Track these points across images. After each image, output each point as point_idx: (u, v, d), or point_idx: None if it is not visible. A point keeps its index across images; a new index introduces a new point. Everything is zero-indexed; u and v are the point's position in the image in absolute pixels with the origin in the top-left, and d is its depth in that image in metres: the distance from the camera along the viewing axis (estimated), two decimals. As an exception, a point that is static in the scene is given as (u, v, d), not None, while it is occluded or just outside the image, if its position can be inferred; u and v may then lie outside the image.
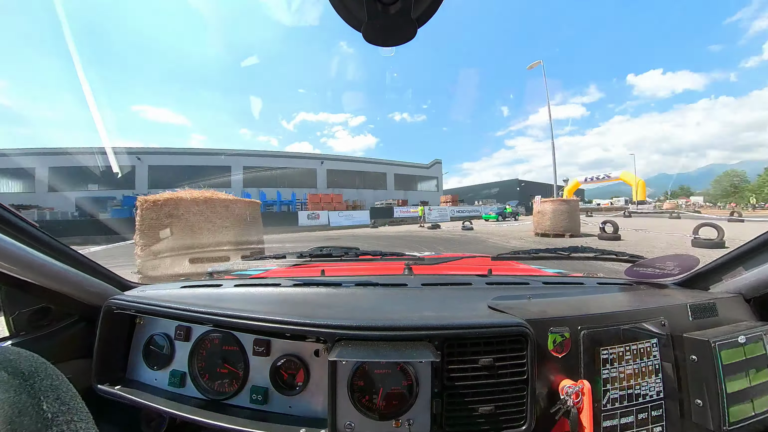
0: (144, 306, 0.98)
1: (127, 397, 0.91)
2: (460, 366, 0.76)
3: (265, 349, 0.87)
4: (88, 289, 0.98)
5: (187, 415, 0.85)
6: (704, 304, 0.94)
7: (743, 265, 1.00)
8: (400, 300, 1.02)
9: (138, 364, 1.01)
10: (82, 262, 0.97)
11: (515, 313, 0.83)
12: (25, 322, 1.00)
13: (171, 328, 0.97)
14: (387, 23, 0.60)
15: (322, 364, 0.83)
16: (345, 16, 0.60)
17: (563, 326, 0.81)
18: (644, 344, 0.83)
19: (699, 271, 1.10)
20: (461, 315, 0.84)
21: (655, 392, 0.82)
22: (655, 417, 0.81)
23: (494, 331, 0.76)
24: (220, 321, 0.88)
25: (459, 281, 1.21)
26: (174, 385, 0.93)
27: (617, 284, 1.22)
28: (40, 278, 0.85)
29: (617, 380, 0.80)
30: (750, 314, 0.97)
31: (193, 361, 0.93)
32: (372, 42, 0.65)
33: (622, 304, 0.93)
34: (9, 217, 0.77)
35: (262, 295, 1.14)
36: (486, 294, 1.05)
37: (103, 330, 0.98)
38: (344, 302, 1.00)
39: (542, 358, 0.79)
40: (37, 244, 0.83)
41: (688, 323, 0.91)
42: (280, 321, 0.81)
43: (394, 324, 0.77)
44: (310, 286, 1.19)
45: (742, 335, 0.86)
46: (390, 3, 0.56)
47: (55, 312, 1.02)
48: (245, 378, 0.89)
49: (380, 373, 0.77)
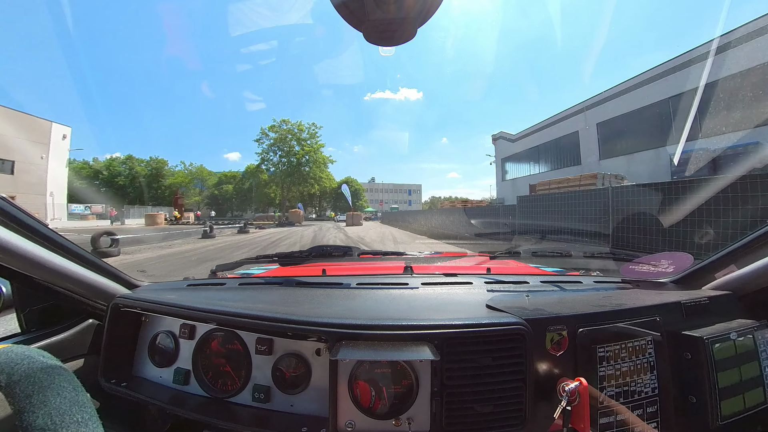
0: (149, 304, 0.99)
1: (133, 394, 0.93)
2: (459, 365, 0.77)
3: (267, 348, 0.88)
4: (96, 287, 0.99)
5: (190, 413, 0.86)
6: (697, 302, 0.96)
7: (735, 263, 1.02)
8: (400, 299, 1.03)
9: (143, 361, 1.03)
10: (91, 261, 0.99)
11: (514, 312, 0.84)
12: (35, 319, 1.02)
13: (176, 327, 0.99)
14: (387, 23, 0.61)
15: (323, 363, 0.85)
16: (346, 15, 0.60)
17: (561, 325, 0.83)
18: (640, 342, 0.85)
19: (692, 269, 1.12)
20: (460, 314, 0.85)
21: (650, 389, 0.84)
22: (650, 413, 0.83)
23: (493, 330, 0.78)
24: (223, 320, 0.89)
25: (458, 280, 1.23)
26: (178, 383, 0.95)
27: (614, 283, 1.23)
28: (51, 277, 0.87)
29: (613, 377, 0.82)
30: (742, 311, 0.99)
31: (197, 359, 0.94)
32: (372, 42, 0.66)
33: (619, 302, 0.95)
34: (21, 217, 0.79)
35: (265, 294, 1.15)
36: (485, 293, 1.07)
37: (110, 328, 0.99)
38: (345, 301, 1.02)
39: (540, 356, 0.81)
40: (48, 244, 0.85)
41: (682, 321, 0.92)
42: (282, 320, 0.83)
43: (394, 323, 0.79)
44: (311, 285, 1.21)
45: (733, 332, 0.88)
46: (390, 3, 0.57)
47: (65, 310, 1.04)
48: (248, 376, 0.90)
49: (380, 372, 0.79)
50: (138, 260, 8.31)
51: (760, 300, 1.00)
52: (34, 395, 0.46)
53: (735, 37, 12.57)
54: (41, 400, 0.46)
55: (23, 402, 0.45)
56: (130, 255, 9.05)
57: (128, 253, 9.26)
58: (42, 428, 0.44)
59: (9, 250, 0.74)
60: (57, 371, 0.51)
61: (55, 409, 0.46)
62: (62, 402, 0.48)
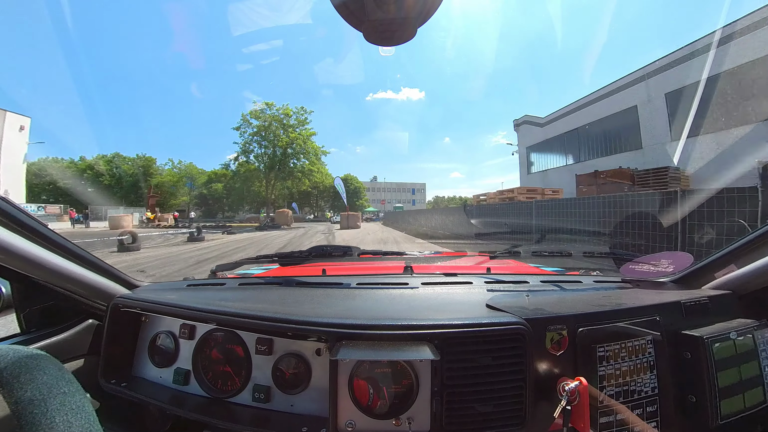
0: (149, 304, 0.99)
1: (133, 394, 0.93)
2: (459, 365, 0.77)
3: (267, 348, 0.88)
4: (96, 287, 0.99)
5: (190, 413, 0.86)
6: (697, 302, 0.96)
7: (735, 263, 1.03)
8: (401, 299, 1.03)
9: (143, 361, 1.03)
10: (91, 261, 0.99)
11: (514, 311, 0.84)
12: (35, 319, 1.02)
13: (175, 327, 0.99)
14: (387, 23, 0.61)
15: (323, 363, 0.85)
16: (346, 15, 0.60)
17: (561, 324, 0.83)
18: (640, 341, 0.85)
19: (692, 268, 1.12)
20: (460, 314, 0.85)
21: (650, 388, 0.84)
22: (650, 413, 0.83)
23: (493, 330, 0.78)
24: (223, 320, 0.89)
25: (458, 280, 1.23)
26: (178, 383, 0.95)
27: (614, 282, 1.23)
28: (51, 277, 0.87)
29: (613, 377, 0.82)
30: (741, 310, 0.99)
31: (197, 360, 0.94)
32: (372, 42, 0.66)
33: (619, 301, 0.95)
34: (21, 217, 0.79)
35: (265, 294, 1.15)
36: (485, 293, 1.07)
37: (110, 328, 1.00)
38: (345, 301, 1.02)
39: (540, 356, 0.81)
40: (47, 244, 0.85)
41: (682, 320, 0.92)
42: (282, 320, 0.83)
43: (394, 323, 0.79)
44: (311, 285, 1.21)
45: (733, 331, 0.89)
46: (390, 3, 0.57)
47: (65, 310, 1.04)
48: (248, 376, 0.90)
49: (381, 372, 0.79)
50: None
51: (759, 300, 1.00)
52: (21, 375, 0.50)
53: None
54: (29, 378, 0.50)
55: (12, 382, 0.48)
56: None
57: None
58: (31, 399, 0.48)
59: (9, 250, 0.74)
60: (41, 357, 0.55)
61: (42, 384, 0.51)
62: (48, 378, 0.52)
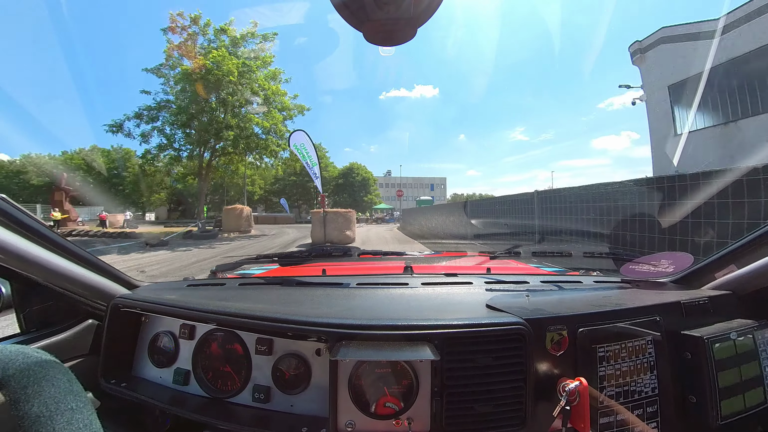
0: (149, 304, 0.99)
1: (133, 394, 0.93)
2: (459, 365, 0.77)
3: (267, 348, 0.88)
4: (96, 287, 0.99)
5: (190, 413, 0.86)
6: (698, 302, 0.96)
7: (735, 263, 1.02)
8: (401, 299, 1.03)
9: (143, 361, 1.03)
10: (91, 261, 0.99)
11: (514, 311, 0.84)
12: (35, 319, 1.02)
13: (175, 327, 0.99)
14: (387, 23, 0.61)
15: (323, 363, 0.85)
16: (346, 16, 0.60)
17: (561, 324, 0.82)
18: (640, 342, 0.85)
19: (692, 269, 1.12)
20: (461, 314, 0.85)
21: (650, 389, 0.84)
22: (650, 413, 0.83)
23: (493, 330, 0.78)
24: (223, 320, 0.89)
25: (458, 280, 1.23)
26: (178, 383, 0.95)
27: (614, 282, 1.23)
28: (51, 277, 0.87)
29: (613, 377, 0.82)
30: (741, 311, 0.99)
31: (197, 360, 0.94)
32: (373, 42, 0.66)
33: (619, 302, 0.95)
34: (21, 217, 0.79)
35: (265, 294, 1.15)
36: (485, 293, 1.07)
37: (110, 328, 1.00)
38: (345, 302, 1.02)
39: (540, 356, 0.81)
40: (47, 244, 0.85)
41: (682, 320, 0.92)
42: (282, 320, 0.83)
43: (394, 323, 0.79)
44: (311, 285, 1.21)
45: (733, 331, 0.88)
46: (390, 3, 0.57)
47: (65, 310, 1.04)
48: (248, 376, 0.90)
49: (381, 372, 0.79)
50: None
51: (760, 300, 1.00)
52: (29, 386, 0.48)
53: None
54: (36, 390, 0.48)
55: (19, 393, 0.47)
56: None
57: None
58: (38, 415, 0.46)
59: (9, 250, 0.74)
60: (51, 364, 0.53)
61: (50, 398, 0.49)
62: (57, 391, 0.50)
